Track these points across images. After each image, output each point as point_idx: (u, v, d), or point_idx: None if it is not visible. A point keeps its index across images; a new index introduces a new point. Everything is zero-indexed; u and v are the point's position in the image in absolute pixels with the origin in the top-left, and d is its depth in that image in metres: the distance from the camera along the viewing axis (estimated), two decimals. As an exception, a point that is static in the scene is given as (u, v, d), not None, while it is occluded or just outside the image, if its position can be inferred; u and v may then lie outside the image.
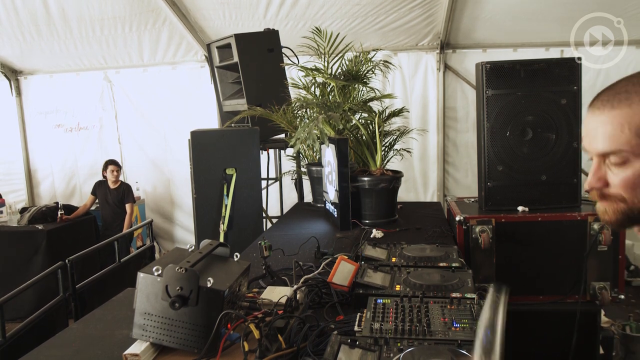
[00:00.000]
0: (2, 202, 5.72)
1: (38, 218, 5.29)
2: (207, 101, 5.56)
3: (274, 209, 4.83)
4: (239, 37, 3.77)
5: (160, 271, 1.27)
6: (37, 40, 5.30)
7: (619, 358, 3.01)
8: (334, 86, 3.28)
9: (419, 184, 5.51)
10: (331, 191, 2.84)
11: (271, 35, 4.00)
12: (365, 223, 2.74)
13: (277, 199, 4.71)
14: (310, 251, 2.23)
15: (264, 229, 3.77)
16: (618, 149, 0.86)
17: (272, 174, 4.76)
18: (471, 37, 5.08)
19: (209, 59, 4.32)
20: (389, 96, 3.48)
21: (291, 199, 4.68)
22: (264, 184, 4.11)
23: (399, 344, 1.18)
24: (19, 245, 5.03)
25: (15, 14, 4.85)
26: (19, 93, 6.23)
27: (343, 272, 1.69)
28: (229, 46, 3.88)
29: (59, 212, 5.40)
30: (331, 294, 1.63)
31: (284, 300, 1.48)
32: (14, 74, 6.15)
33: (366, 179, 2.77)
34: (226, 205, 3.42)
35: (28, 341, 2.74)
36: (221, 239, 3.37)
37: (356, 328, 1.29)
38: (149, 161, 6.11)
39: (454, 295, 1.49)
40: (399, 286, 1.60)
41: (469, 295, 1.49)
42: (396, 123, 3.40)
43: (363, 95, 3.45)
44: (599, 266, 2.45)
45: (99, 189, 5.56)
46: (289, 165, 4.60)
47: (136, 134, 6.10)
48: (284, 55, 4.04)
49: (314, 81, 3.47)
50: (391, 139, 3.15)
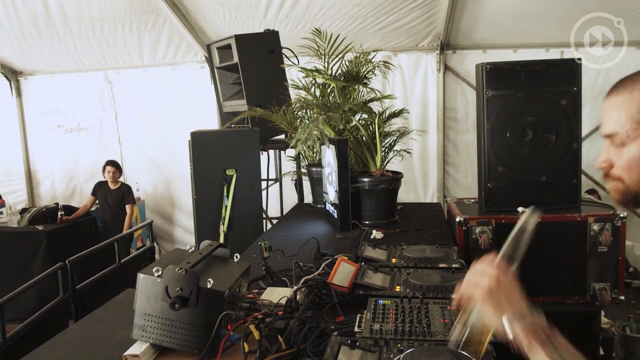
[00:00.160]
0: (2, 202, 5.72)
1: (38, 219, 5.29)
2: (207, 102, 5.56)
3: (274, 210, 4.83)
4: (239, 38, 3.77)
5: (160, 272, 1.27)
6: (37, 40, 5.30)
7: (619, 359, 3.01)
8: (334, 87, 3.28)
9: (419, 185, 5.51)
10: (331, 192, 2.84)
11: (271, 36, 4.01)
12: (365, 224, 2.74)
13: (277, 199, 4.71)
14: (310, 252, 2.23)
15: (264, 230, 3.77)
16: (615, 131, 0.94)
17: (272, 175, 4.76)
18: (471, 37, 5.08)
19: (209, 60, 4.32)
20: (389, 97, 3.48)
21: (291, 199, 4.68)
22: (264, 184, 4.11)
23: (399, 345, 1.18)
24: (19, 246, 5.02)
25: (15, 14, 4.85)
26: (19, 93, 6.23)
27: (343, 273, 1.69)
28: (229, 47, 3.88)
29: (59, 213, 5.40)
30: (331, 294, 1.63)
31: (284, 301, 1.48)
32: (14, 75, 6.16)
33: (366, 179, 2.77)
34: (226, 206, 3.41)
35: (28, 342, 2.74)
36: (221, 240, 3.36)
37: (356, 329, 1.29)
38: (149, 162, 6.11)
39: (454, 296, 1.49)
40: (399, 287, 1.60)
41: (469, 296, 1.48)
42: (396, 124, 3.40)
43: (363, 96, 3.45)
44: (599, 267, 2.45)
45: (99, 189, 5.56)
46: (289, 166, 4.59)
47: (136, 134, 6.10)
48: (284, 56, 4.04)
49: (314, 82, 3.47)
50: (391, 140, 3.14)
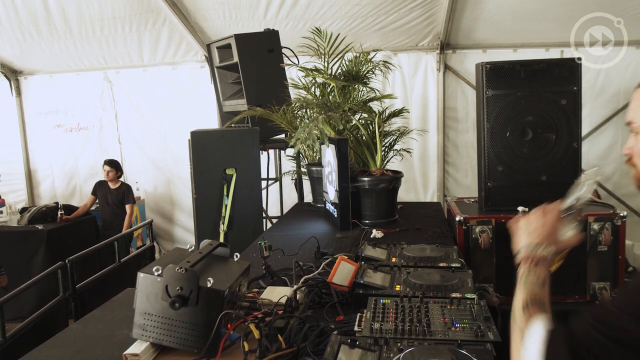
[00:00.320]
0: (2, 202, 5.72)
1: (38, 218, 5.29)
2: (207, 101, 5.55)
3: (274, 209, 4.83)
4: (239, 38, 3.77)
5: (160, 271, 1.27)
6: (37, 40, 5.30)
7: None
8: (334, 86, 3.28)
9: (419, 184, 5.51)
10: (331, 191, 2.84)
11: (271, 36, 4.00)
12: (365, 223, 2.74)
13: (277, 199, 4.71)
14: (310, 251, 2.23)
15: (264, 229, 3.77)
16: (630, 120, 1.01)
17: (272, 174, 4.76)
18: (471, 37, 5.08)
19: (209, 59, 4.32)
20: (389, 96, 3.48)
21: (291, 199, 4.68)
22: (264, 184, 4.11)
23: (399, 344, 1.18)
24: (19, 245, 5.02)
25: (15, 14, 4.85)
26: (19, 93, 6.22)
27: (343, 272, 1.69)
28: (229, 46, 3.88)
29: (59, 212, 5.40)
30: (331, 294, 1.63)
31: (284, 301, 1.48)
32: (14, 74, 6.15)
33: (366, 179, 2.77)
34: (226, 206, 3.42)
35: (28, 341, 2.74)
36: (221, 239, 3.37)
37: (356, 328, 1.30)
38: (149, 161, 6.10)
39: (454, 295, 1.49)
40: (399, 286, 1.60)
41: (469, 296, 1.49)
42: (396, 123, 3.40)
43: (363, 96, 3.45)
44: (599, 266, 2.45)
45: (99, 189, 5.56)
46: (289, 165, 4.60)
47: (136, 134, 6.10)
48: (284, 55, 4.04)
49: (314, 81, 3.47)
50: (391, 139, 3.15)
